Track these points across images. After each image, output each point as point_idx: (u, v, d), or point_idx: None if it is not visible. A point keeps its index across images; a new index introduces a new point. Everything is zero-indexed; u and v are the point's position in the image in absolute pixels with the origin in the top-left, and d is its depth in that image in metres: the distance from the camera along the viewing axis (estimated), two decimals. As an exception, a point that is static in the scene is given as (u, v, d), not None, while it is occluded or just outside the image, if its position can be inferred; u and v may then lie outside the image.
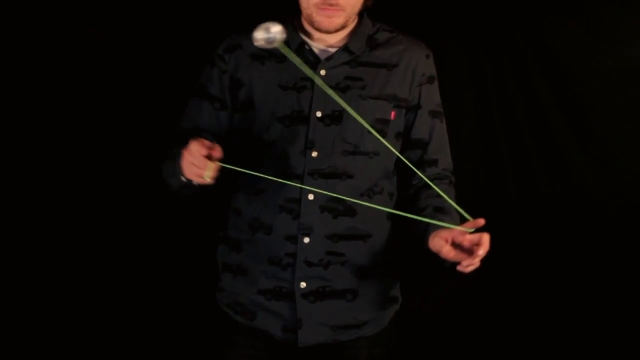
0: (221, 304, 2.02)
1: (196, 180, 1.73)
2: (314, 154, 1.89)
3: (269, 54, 1.94)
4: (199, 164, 1.69)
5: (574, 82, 2.66)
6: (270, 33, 1.66)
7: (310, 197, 1.88)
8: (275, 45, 1.67)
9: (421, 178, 1.92)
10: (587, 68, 2.63)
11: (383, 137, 1.91)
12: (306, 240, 1.89)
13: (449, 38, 2.71)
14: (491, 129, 2.73)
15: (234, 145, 1.97)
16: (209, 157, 1.68)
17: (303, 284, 1.90)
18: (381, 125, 1.93)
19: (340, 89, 1.90)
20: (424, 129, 2.00)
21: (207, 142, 1.70)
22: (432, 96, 2.01)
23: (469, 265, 1.71)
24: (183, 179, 1.79)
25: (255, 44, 1.67)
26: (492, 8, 2.67)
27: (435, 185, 1.89)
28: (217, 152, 1.69)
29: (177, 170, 1.78)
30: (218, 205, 2.11)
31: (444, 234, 1.77)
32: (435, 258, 1.81)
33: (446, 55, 2.70)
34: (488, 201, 2.74)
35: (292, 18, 1.95)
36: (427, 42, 2.10)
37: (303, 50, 1.92)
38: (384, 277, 2.00)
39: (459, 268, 1.72)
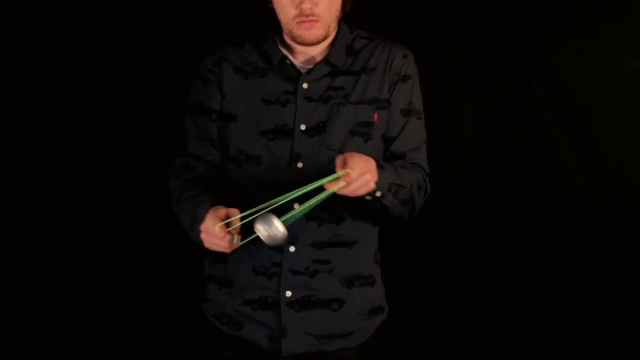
0: (207, 314, 2.03)
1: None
2: (300, 165, 1.91)
3: (253, 69, 1.96)
4: (221, 242, 1.74)
5: (572, 94, 2.68)
6: (272, 228, 1.69)
7: (296, 205, 1.88)
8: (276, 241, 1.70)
9: None
10: (586, 80, 2.66)
11: (368, 139, 1.93)
12: (292, 249, 1.90)
13: (448, 51, 2.74)
14: (491, 140, 2.76)
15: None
16: (227, 224, 1.73)
17: (289, 293, 1.91)
18: (365, 128, 1.93)
19: (323, 101, 1.92)
20: (395, 127, 1.98)
21: (221, 212, 1.74)
22: (404, 95, 1.99)
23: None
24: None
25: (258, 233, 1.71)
26: (491, 21, 2.70)
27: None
28: (235, 213, 1.74)
29: (196, 229, 1.81)
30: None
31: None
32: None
33: (445, 68, 2.73)
34: (488, 211, 2.76)
35: (273, 33, 1.97)
36: (426, 56, 2.11)
37: (284, 65, 1.95)
38: (370, 286, 2.00)
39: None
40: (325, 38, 1.92)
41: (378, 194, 1.80)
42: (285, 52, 1.96)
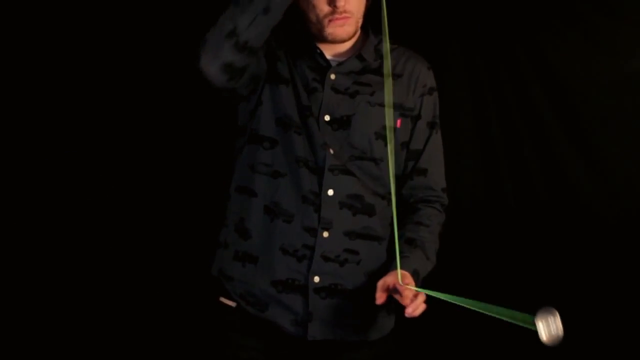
0: (232, 294, 1.96)
1: None
2: (331, 151, 1.89)
3: (285, 52, 1.95)
4: None
5: (572, 93, 2.70)
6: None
7: (330, 192, 1.87)
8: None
9: (408, 188, 1.98)
10: (585, 79, 2.68)
11: (386, 144, 1.92)
12: (325, 234, 1.88)
13: (448, 50, 2.75)
14: (490, 139, 2.76)
15: (254, 135, 1.95)
16: None
17: (317, 279, 1.89)
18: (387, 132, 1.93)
19: (349, 94, 1.92)
20: (421, 139, 2.02)
21: None
22: (431, 107, 2.04)
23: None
24: None
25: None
26: (490, 21, 2.71)
27: (422, 207, 1.97)
28: None
29: None
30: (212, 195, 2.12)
31: (388, 278, 1.79)
32: None
33: (445, 67, 2.73)
34: (487, 211, 2.76)
35: (300, 25, 1.96)
36: (426, 55, 2.12)
37: (314, 54, 1.93)
38: None
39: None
40: (354, 35, 1.93)
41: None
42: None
